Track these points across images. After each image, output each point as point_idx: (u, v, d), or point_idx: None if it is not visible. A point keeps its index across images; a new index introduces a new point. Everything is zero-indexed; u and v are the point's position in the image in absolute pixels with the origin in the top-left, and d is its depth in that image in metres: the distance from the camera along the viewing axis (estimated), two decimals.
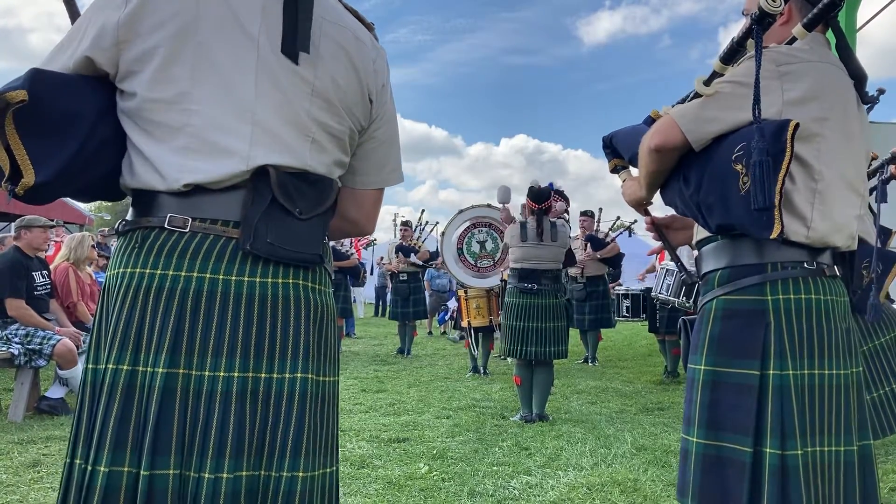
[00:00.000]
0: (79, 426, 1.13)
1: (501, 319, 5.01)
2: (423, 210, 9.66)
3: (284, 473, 1.14)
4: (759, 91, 1.34)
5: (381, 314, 15.63)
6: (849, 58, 1.56)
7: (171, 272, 1.13)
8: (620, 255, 7.75)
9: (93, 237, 6.53)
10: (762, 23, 1.34)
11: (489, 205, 7.00)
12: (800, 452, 1.40)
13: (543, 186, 4.92)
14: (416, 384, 6.28)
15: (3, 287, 4.66)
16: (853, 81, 1.55)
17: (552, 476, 3.47)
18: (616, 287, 8.49)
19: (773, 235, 1.37)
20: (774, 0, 1.30)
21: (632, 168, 1.83)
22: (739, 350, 1.48)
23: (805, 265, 1.48)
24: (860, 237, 1.61)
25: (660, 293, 6.19)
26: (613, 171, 1.89)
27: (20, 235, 4.89)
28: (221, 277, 1.13)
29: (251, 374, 1.13)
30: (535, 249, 4.76)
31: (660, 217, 1.91)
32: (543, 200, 4.80)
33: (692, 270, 1.85)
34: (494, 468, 3.59)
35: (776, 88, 1.43)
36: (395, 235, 9.16)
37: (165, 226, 1.14)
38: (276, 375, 1.15)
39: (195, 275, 1.13)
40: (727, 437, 1.47)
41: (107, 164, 1.18)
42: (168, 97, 1.13)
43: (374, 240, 13.21)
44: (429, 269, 10.18)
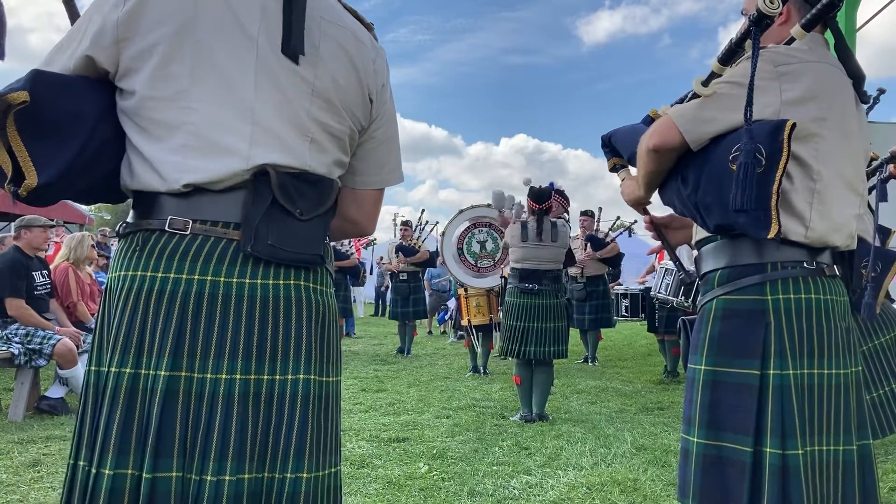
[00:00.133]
0: (82, 428, 1.13)
1: (501, 319, 5.01)
2: (423, 210, 9.64)
3: (288, 475, 1.14)
4: (753, 92, 1.34)
5: (381, 314, 15.63)
6: (847, 58, 1.56)
7: (173, 275, 1.13)
8: (620, 255, 7.75)
9: (92, 237, 6.53)
10: (760, 24, 1.34)
11: (489, 205, 7.01)
12: (800, 452, 1.41)
13: (544, 186, 4.92)
14: (416, 384, 6.28)
15: (3, 287, 4.66)
16: (852, 81, 1.56)
17: (552, 476, 3.47)
18: (615, 287, 8.48)
19: (771, 235, 1.38)
20: (772, 1, 1.30)
21: (631, 167, 1.83)
22: (739, 350, 1.48)
23: (805, 265, 1.48)
24: (860, 236, 1.62)
25: (659, 293, 6.19)
26: (612, 170, 1.89)
27: (20, 235, 4.89)
28: (223, 280, 1.13)
29: (253, 377, 1.13)
30: (536, 250, 4.76)
31: (659, 216, 1.91)
32: (544, 200, 4.80)
33: (691, 270, 1.86)
34: (494, 468, 3.59)
35: (774, 89, 1.43)
36: (395, 235, 9.15)
37: (166, 228, 1.14)
38: (279, 377, 1.15)
39: (196, 277, 1.13)
40: (727, 437, 1.47)
41: (108, 165, 1.18)
42: (167, 95, 1.13)
43: (374, 239, 13.21)
44: (429, 269, 10.17)
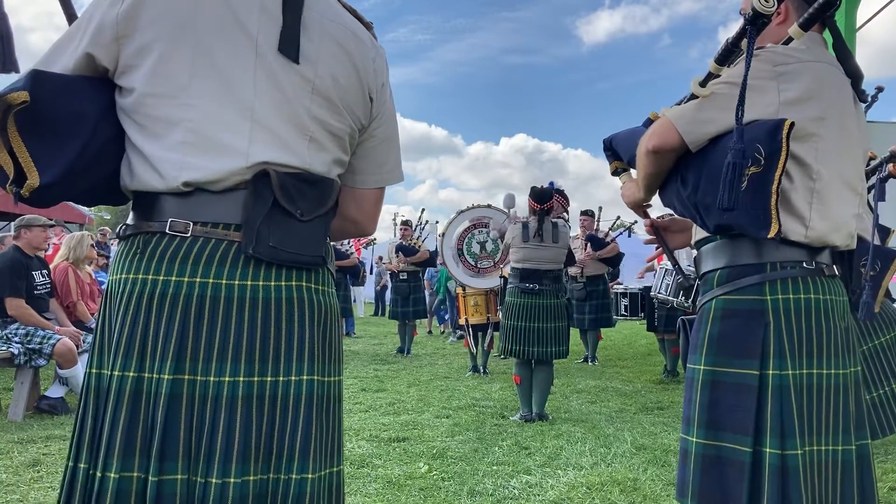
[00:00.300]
0: (82, 430, 1.13)
1: (501, 319, 5.01)
2: (423, 209, 9.62)
3: (293, 476, 1.14)
4: (745, 92, 1.34)
5: (381, 313, 15.63)
6: (846, 57, 1.56)
7: (174, 278, 1.12)
8: (620, 255, 7.75)
9: (92, 236, 6.53)
10: (756, 23, 1.33)
11: (489, 205, 7.01)
12: (799, 452, 1.41)
13: (545, 187, 4.92)
14: (416, 383, 6.28)
15: (3, 286, 4.66)
16: (850, 80, 1.55)
17: (552, 475, 3.47)
18: (615, 286, 8.48)
19: (771, 235, 1.38)
20: (767, 0, 1.30)
21: (632, 170, 1.83)
22: (739, 350, 1.48)
23: (804, 265, 1.49)
24: (859, 235, 1.61)
25: (659, 293, 6.21)
26: (614, 174, 1.89)
27: (20, 235, 4.89)
28: (224, 282, 1.13)
29: (257, 379, 1.13)
30: (537, 250, 4.76)
31: (659, 220, 1.91)
32: (545, 201, 4.80)
33: (689, 273, 1.85)
34: (494, 467, 3.60)
35: (773, 88, 1.43)
36: (395, 235, 9.15)
37: (167, 231, 1.13)
38: (282, 378, 1.15)
39: (198, 280, 1.13)
40: (727, 437, 1.47)
41: (110, 165, 1.18)
42: (166, 91, 1.13)
43: (374, 239, 13.21)
44: (428, 269, 10.17)
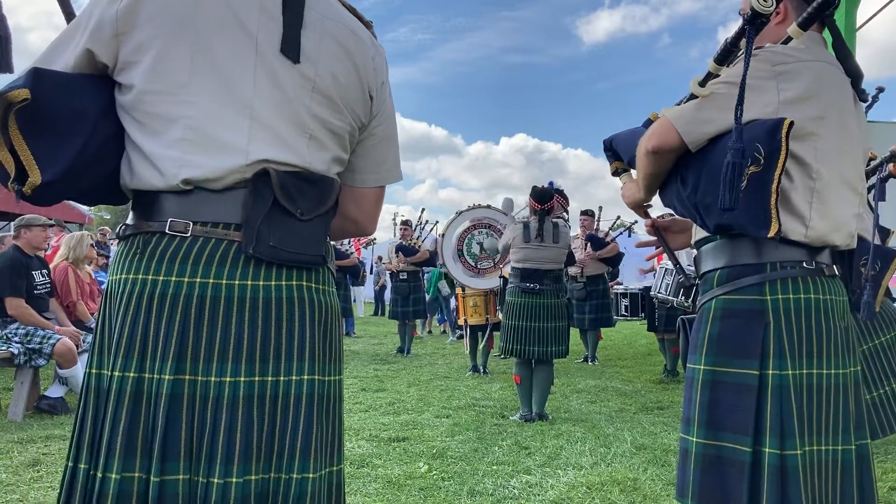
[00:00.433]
0: (82, 431, 1.13)
1: (502, 319, 5.02)
2: (423, 209, 9.62)
3: (295, 475, 1.14)
4: (744, 92, 1.34)
5: (381, 313, 15.62)
6: (845, 56, 1.56)
7: (174, 278, 1.12)
8: (620, 255, 7.76)
9: (91, 236, 6.53)
10: (754, 23, 1.33)
11: (489, 205, 7.02)
12: (799, 452, 1.41)
13: (546, 187, 4.92)
14: (416, 383, 6.29)
15: (3, 286, 4.66)
16: (850, 80, 1.55)
17: (552, 475, 3.47)
18: (615, 286, 8.48)
19: (771, 234, 1.38)
20: (766, 0, 1.30)
21: (632, 171, 1.83)
22: (739, 350, 1.48)
23: (804, 265, 1.48)
24: (859, 235, 1.61)
25: (659, 292, 6.21)
26: (615, 174, 1.89)
27: (20, 234, 4.89)
28: (224, 282, 1.13)
29: (258, 378, 1.13)
30: (538, 251, 4.76)
31: (660, 220, 1.91)
32: (546, 201, 4.80)
33: (690, 273, 1.85)
34: (494, 467, 3.60)
35: (772, 88, 1.43)
36: (395, 234, 9.15)
37: (166, 231, 1.13)
38: (283, 378, 1.15)
39: (198, 280, 1.12)
40: (727, 437, 1.47)
41: (111, 163, 1.18)
42: (165, 88, 1.13)
43: (374, 239, 13.21)
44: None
